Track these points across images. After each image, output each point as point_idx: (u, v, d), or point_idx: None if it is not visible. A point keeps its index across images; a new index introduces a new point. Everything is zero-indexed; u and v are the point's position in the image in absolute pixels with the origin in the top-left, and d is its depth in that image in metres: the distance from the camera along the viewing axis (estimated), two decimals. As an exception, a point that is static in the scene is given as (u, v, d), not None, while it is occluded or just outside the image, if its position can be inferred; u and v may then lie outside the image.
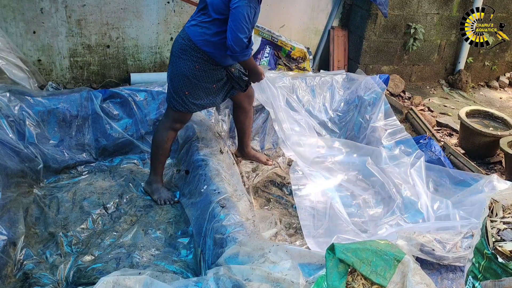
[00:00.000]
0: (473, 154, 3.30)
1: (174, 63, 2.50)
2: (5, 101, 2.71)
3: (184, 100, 2.53)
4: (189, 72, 2.46)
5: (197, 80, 2.49)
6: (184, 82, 2.49)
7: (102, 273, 2.11)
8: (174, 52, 2.50)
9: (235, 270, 1.63)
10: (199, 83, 2.50)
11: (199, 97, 2.55)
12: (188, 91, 2.51)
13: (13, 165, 2.50)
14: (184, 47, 2.44)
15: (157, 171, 2.72)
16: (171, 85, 2.55)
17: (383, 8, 3.76)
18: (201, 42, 2.41)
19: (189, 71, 2.46)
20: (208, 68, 2.48)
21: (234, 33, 2.28)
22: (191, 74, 2.46)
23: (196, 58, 2.44)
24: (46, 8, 3.22)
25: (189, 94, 2.51)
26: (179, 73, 2.49)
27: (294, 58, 4.06)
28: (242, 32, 2.29)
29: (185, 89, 2.50)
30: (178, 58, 2.47)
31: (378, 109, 3.38)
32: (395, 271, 1.20)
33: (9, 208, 2.25)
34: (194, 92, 2.52)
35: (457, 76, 4.61)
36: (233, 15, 2.27)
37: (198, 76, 2.48)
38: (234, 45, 2.31)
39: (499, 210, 1.23)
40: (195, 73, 2.47)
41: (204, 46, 2.41)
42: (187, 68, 2.46)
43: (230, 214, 2.15)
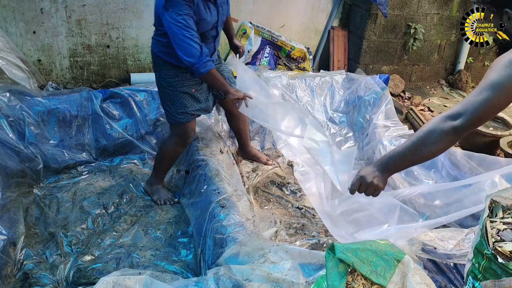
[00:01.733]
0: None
1: (155, 76, 2.49)
2: (5, 101, 2.71)
3: (170, 112, 2.47)
4: (163, 82, 2.41)
5: (173, 88, 2.41)
6: (163, 93, 2.46)
7: (102, 273, 2.12)
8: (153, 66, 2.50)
9: (235, 270, 1.63)
10: (175, 90, 2.41)
11: (183, 105, 2.44)
12: (169, 101, 2.45)
13: (13, 165, 2.50)
14: (153, 59, 2.43)
15: (159, 175, 2.72)
16: (159, 100, 2.55)
17: (383, 8, 3.76)
18: (161, 53, 2.36)
19: (163, 80, 2.41)
20: (179, 72, 2.38)
21: (179, 49, 2.19)
22: (165, 83, 2.41)
23: (165, 66, 2.37)
24: (46, 8, 3.22)
25: (171, 104, 2.45)
26: (157, 85, 2.48)
27: (294, 58, 4.06)
28: (182, 47, 2.17)
29: (166, 100, 2.46)
30: (154, 71, 2.46)
31: (380, 108, 3.38)
32: (395, 271, 1.20)
33: (9, 208, 2.25)
34: (175, 101, 2.43)
35: (457, 76, 4.61)
36: (169, 33, 2.20)
37: (172, 83, 2.40)
38: (187, 58, 2.20)
39: (498, 211, 1.23)
40: (169, 80, 2.39)
41: (165, 56, 2.35)
42: (160, 78, 2.42)
43: (230, 214, 2.15)
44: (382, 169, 1.53)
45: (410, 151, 1.46)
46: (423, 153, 1.43)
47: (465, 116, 1.36)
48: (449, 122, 1.39)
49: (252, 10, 3.90)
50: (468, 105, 1.37)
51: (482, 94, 1.35)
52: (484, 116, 1.38)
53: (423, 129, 1.43)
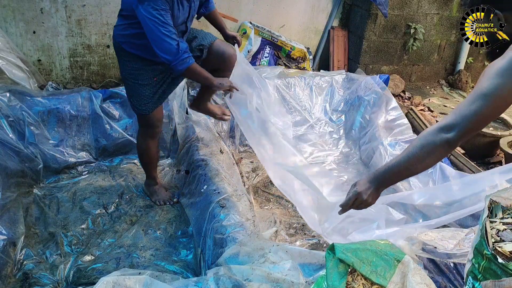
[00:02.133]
0: (473, 154, 3.30)
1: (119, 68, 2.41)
2: (5, 101, 2.71)
3: (133, 103, 2.40)
4: (126, 74, 2.33)
5: (135, 80, 2.32)
6: (126, 85, 2.38)
7: (102, 273, 2.12)
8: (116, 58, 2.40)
9: (235, 270, 1.63)
10: (137, 83, 2.32)
11: (144, 96, 2.35)
12: (132, 93, 2.37)
13: (13, 165, 2.50)
14: (116, 50, 2.33)
15: (151, 175, 2.69)
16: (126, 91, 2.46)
17: (383, 8, 3.76)
18: (126, 45, 2.26)
19: (126, 73, 2.33)
20: (144, 65, 2.29)
21: (155, 46, 2.11)
22: (128, 75, 2.32)
23: (129, 58, 2.28)
24: (46, 8, 3.22)
25: (133, 96, 2.37)
26: (122, 78, 2.39)
27: (294, 58, 4.06)
28: (159, 44, 2.10)
29: (130, 92, 2.38)
30: (118, 62, 2.36)
31: (381, 108, 3.38)
32: (395, 271, 1.20)
33: (9, 208, 2.25)
34: (137, 93, 2.35)
35: (457, 76, 4.61)
36: (144, 28, 2.09)
37: (136, 76, 2.31)
38: (163, 55, 2.12)
39: (498, 211, 1.23)
40: (132, 73, 2.31)
41: (130, 48, 2.26)
42: (123, 70, 2.33)
43: (230, 214, 2.15)
44: (377, 185, 1.54)
45: (404, 167, 1.46)
46: (418, 168, 1.44)
47: (457, 128, 1.35)
48: (442, 134, 1.37)
49: (252, 10, 3.90)
50: (461, 117, 1.37)
51: (474, 105, 1.37)
52: (476, 127, 1.37)
53: (416, 144, 1.42)
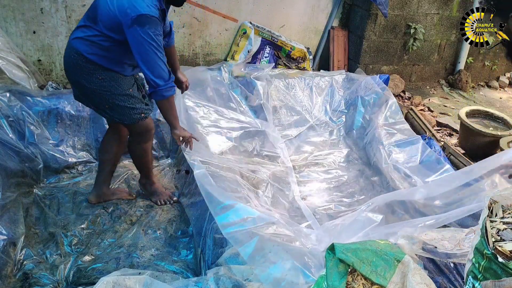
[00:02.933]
0: (473, 154, 3.30)
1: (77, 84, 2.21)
2: (5, 101, 2.71)
3: (116, 114, 2.26)
4: (96, 86, 2.16)
5: (110, 92, 2.18)
6: (99, 98, 2.21)
7: (102, 273, 2.11)
8: (70, 72, 2.19)
9: (235, 270, 1.63)
10: (113, 94, 2.19)
11: (130, 105, 2.24)
12: (108, 105, 2.23)
13: (13, 165, 2.50)
14: (79, 62, 2.12)
15: (148, 175, 2.64)
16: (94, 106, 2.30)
17: (383, 8, 3.76)
18: (95, 56, 2.11)
19: (95, 85, 2.16)
20: (113, 76, 2.18)
21: (147, 68, 2.05)
22: (100, 87, 2.17)
23: (97, 70, 2.14)
24: (46, 8, 3.22)
25: (111, 109, 2.24)
26: (88, 92, 2.19)
27: (294, 58, 4.06)
28: (152, 67, 2.05)
29: (105, 104, 2.23)
30: (79, 76, 2.16)
31: (381, 109, 3.38)
32: (395, 271, 1.20)
33: (9, 208, 2.25)
34: (119, 105, 2.22)
35: (457, 76, 4.61)
36: (135, 48, 2.00)
37: (109, 87, 2.17)
38: (154, 78, 2.07)
39: (498, 210, 1.24)
40: (103, 84, 2.16)
41: (99, 59, 2.12)
42: (91, 83, 2.15)
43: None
44: None
45: None
46: None
47: None
48: None
49: (252, 10, 3.90)
50: None
51: None
52: None
53: None
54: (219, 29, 3.84)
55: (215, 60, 3.92)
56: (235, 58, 3.78)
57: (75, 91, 2.30)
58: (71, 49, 2.14)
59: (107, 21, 2.05)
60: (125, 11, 1.97)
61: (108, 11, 2.03)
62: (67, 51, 2.18)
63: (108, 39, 2.08)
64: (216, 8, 3.74)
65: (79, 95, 2.30)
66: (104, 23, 2.06)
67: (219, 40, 3.89)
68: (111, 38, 2.07)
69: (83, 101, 2.37)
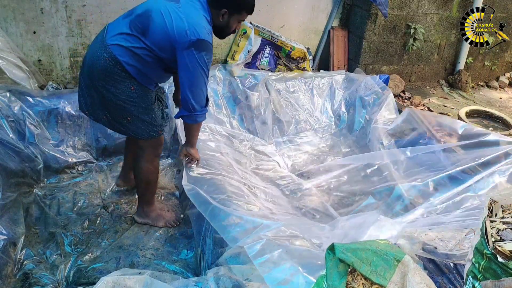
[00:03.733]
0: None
1: (97, 90, 2.08)
2: (5, 101, 2.71)
3: (133, 127, 2.18)
4: (123, 96, 2.07)
5: (136, 104, 2.11)
6: (122, 108, 2.10)
7: (102, 273, 2.12)
8: (96, 75, 2.04)
9: (235, 270, 1.64)
10: (139, 106, 2.13)
11: (153, 118, 2.19)
12: (129, 117, 2.13)
13: (13, 165, 2.50)
14: (112, 68, 2.01)
15: (151, 202, 2.49)
16: (108, 113, 2.15)
17: (383, 8, 3.77)
18: (131, 68, 2.03)
19: (124, 95, 2.07)
20: (143, 90, 2.12)
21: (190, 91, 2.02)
22: (127, 98, 2.08)
23: (130, 80, 2.05)
24: (46, 8, 3.22)
25: (129, 121, 2.14)
26: (113, 100, 2.08)
27: (294, 58, 4.06)
28: (197, 92, 2.04)
29: (126, 116, 2.13)
30: (103, 82, 2.05)
31: (381, 108, 3.38)
32: (395, 271, 1.20)
33: (9, 208, 2.25)
34: (141, 117, 2.15)
35: (457, 76, 4.61)
36: (184, 71, 1.98)
37: (135, 99, 2.10)
38: (194, 103, 2.05)
39: (498, 210, 1.24)
40: (132, 96, 2.08)
41: (134, 72, 2.04)
42: (120, 92, 2.06)
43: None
44: None
45: None
46: None
47: None
48: None
49: (252, 10, 3.90)
50: None
51: None
52: None
53: None
54: (219, 29, 3.84)
55: (215, 60, 3.92)
56: (235, 58, 3.78)
57: (87, 99, 2.15)
58: (106, 53, 2.00)
59: (159, 38, 1.97)
60: (184, 33, 1.93)
61: (164, 28, 1.95)
62: (98, 53, 2.02)
63: (153, 55, 2.01)
64: (216, 8, 3.74)
65: (92, 103, 2.14)
66: (155, 39, 1.98)
67: (219, 40, 3.88)
68: (156, 55, 2.01)
69: (94, 111, 2.17)
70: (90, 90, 2.12)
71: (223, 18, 2.07)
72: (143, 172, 2.34)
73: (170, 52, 1.99)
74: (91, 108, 2.17)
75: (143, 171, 2.33)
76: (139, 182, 2.40)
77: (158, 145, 2.32)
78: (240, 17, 2.13)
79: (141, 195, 2.46)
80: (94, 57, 2.04)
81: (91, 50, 2.09)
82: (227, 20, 2.10)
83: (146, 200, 2.46)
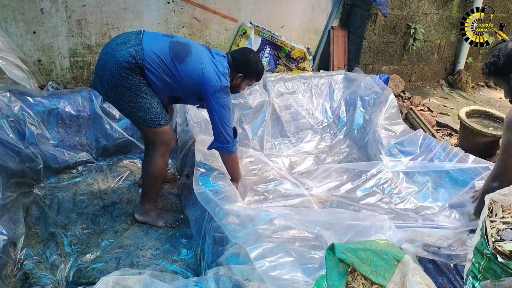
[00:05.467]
0: (473, 154, 3.29)
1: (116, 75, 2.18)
2: (5, 101, 2.71)
3: (148, 120, 2.27)
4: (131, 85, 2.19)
5: (144, 92, 2.22)
6: (135, 98, 2.22)
7: (102, 273, 2.12)
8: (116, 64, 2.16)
9: (235, 270, 1.64)
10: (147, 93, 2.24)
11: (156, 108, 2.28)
12: (132, 102, 2.23)
13: (13, 165, 2.50)
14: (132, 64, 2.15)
15: (154, 200, 2.53)
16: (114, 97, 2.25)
17: (383, 8, 3.77)
18: (150, 76, 2.21)
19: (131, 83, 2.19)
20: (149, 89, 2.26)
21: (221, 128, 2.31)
22: (134, 87, 2.19)
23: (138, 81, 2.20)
24: (46, 8, 3.22)
25: (134, 106, 2.24)
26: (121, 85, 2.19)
27: (294, 58, 4.06)
28: (227, 128, 2.33)
29: (129, 101, 2.22)
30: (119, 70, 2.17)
31: (381, 109, 3.38)
32: (395, 271, 1.20)
33: (9, 208, 2.25)
34: (150, 105, 2.25)
35: (457, 76, 4.61)
36: (216, 111, 2.27)
37: (143, 88, 2.22)
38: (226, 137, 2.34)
39: (498, 210, 1.24)
40: (139, 85, 2.20)
41: (150, 80, 2.23)
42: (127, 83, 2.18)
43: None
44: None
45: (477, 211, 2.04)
46: None
47: (499, 180, 1.91)
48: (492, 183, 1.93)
49: (252, 10, 3.90)
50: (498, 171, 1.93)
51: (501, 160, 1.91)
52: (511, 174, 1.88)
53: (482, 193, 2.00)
54: (219, 29, 3.84)
55: (215, 60, 3.92)
56: (235, 58, 3.78)
57: (96, 82, 2.30)
58: (136, 50, 2.15)
59: (191, 70, 2.23)
60: (215, 78, 2.25)
61: (199, 65, 2.24)
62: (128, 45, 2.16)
63: (176, 80, 2.23)
64: (216, 8, 3.74)
65: (101, 86, 2.27)
66: (188, 69, 2.22)
67: (219, 40, 3.89)
68: (178, 80, 2.23)
69: (105, 92, 2.29)
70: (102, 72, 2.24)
71: (236, 80, 2.42)
72: (155, 172, 2.39)
73: (192, 87, 2.26)
74: (101, 88, 2.30)
75: (154, 165, 2.37)
76: (147, 177, 2.45)
77: (166, 139, 2.35)
78: (249, 82, 2.50)
79: (146, 191, 2.47)
80: (122, 47, 2.17)
81: (122, 39, 2.22)
82: (239, 83, 2.44)
83: (150, 197, 2.48)
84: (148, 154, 2.40)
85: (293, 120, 3.56)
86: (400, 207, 2.75)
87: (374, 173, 2.96)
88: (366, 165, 3.07)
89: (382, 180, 2.92)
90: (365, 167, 3.04)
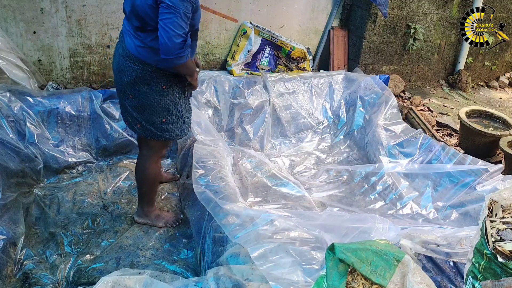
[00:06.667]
0: (473, 154, 3.29)
1: (136, 93, 2.11)
2: (5, 101, 2.71)
3: (164, 128, 2.19)
4: (158, 96, 2.10)
5: (170, 101, 2.14)
6: (156, 110, 2.13)
7: (102, 273, 2.12)
8: (130, 80, 2.08)
9: (235, 270, 1.64)
10: (172, 103, 2.15)
11: (181, 116, 2.22)
12: (165, 118, 2.16)
13: (13, 165, 2.50)
14: (141, 71, 2.06)
15: (152, 201, 2.51)
16: (142, 118, 2.16)
17: (383, 8, 3.76)
18: (157, 63, 2.04)
19: (158, 95, 2.10)
20: (173, 81, 2.13)
21: (169, 32, 1.87)
22: (161, 97, 2.11)
23: (161, 79, 2.09)
24: (46, 8, 3.22)
25: (167, 121, 2.17)
26: (147, 102, 2.11)
27: (294, 58, 4.06)
28: (179, 29, 1.89)
29: (161, 117, 2.15)
30: (138, 86, 2.09)
31: (380, 109, 3.38)
32: (395, 271, 1.20)
33: (9, 208, 2.25)
34: (172, 115, 2.18)
35: (457, 76, 4.61)
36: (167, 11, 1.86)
37: (169, 96, 2.13)
38: (169, 45, 1.88)
39: (498, 210, 1.24)
40: (165, 94, 2.11)
41: (155, 63, 2.06)
42: (153, 92, 2.09)
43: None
44: None
45: None
46: None
47: None
48: None
49: (252, 10, 3.90)
50: None
51: None
52: None
53: None
54: (219, 29, 3.84)
55: (215, 60, 3.92)
56: (235, 58, 3.78)
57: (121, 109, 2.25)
58: (131, 62, 2.06)
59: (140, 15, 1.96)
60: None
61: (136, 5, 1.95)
62: (123, 64, 2.08)
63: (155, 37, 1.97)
64: (216, 8, 3.74)
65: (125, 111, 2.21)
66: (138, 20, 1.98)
67: (219, 40, 3.89)
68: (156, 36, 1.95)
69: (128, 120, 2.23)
70: (121, 99, 2.20)
71: None
72: (150, 172, 2.36)
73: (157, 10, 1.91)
74: (125, 116, 2.25)
75: (149, 171, 2.35)
76: (143, 182, 2.41)
77: (166, 145, 2.37)
78: None
79: (143, 195, 2.45)
80: (121, 69, 2.10)
81: (116, 62, 2.14)
82: None
83: (148, 200, 2.47)
84: (143, 160, 2.35)
85: (293, 120, 3.56)
86: (401, 212, 2.74)
87: (375, 180, 2.96)
88: (365, 167, 3.07)
89: (383, 186, 2.92)
90: (364, 169, 3.04)
